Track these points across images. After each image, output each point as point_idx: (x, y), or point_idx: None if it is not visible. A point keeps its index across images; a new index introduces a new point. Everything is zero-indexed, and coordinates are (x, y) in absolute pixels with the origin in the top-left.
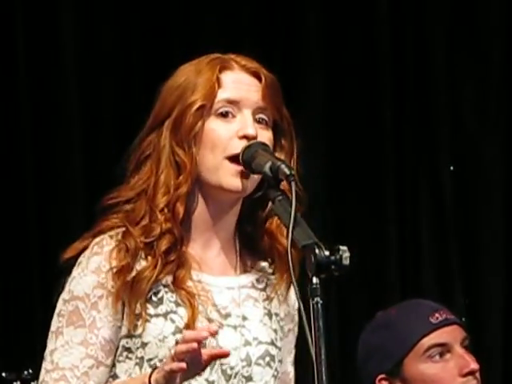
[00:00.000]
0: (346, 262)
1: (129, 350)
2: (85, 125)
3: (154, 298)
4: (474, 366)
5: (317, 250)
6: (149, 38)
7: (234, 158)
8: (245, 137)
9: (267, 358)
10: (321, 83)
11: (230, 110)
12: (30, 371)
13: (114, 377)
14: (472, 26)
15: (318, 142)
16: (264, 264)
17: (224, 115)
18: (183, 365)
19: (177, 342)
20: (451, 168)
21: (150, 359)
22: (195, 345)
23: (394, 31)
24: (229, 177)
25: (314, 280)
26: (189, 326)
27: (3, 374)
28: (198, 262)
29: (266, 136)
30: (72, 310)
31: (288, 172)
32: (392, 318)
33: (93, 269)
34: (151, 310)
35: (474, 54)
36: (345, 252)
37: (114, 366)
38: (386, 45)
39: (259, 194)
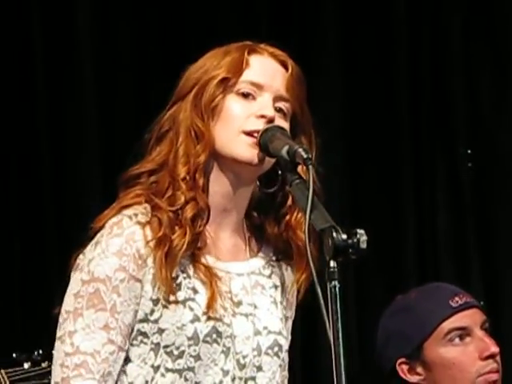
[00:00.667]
0: (364, 245)
1: (144, 334)
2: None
3: (172, 284)
4: (495, 349)
5: (334, 234)
6: (165, 27)
7: (249, 133)
8: (263, 116)
9: (276, 348)
10: (337, 69)
11: (252, 92)
12: (41, 352)
13: (127, 360)
14: (489, 13)
15: (334, 128)
16: (269, 250)
17: (245, 95)
18: None
19: (195, 332)
20: (468, 152)
21: (167, 346)
22: None
23: (410, 18)
24: (244, 147)
25: (332, 263)
26: (207, 312)
27: (13, 355)
28: (211, 244)
29: (282, 125)
30: (92, 291)
31: (305, 156)
32: (411, 302)
33: (114, 251)
34: (170, 295)
35: (490, 40)
36: (362, 235)
37: (127, 349)
38: (403, 32)
39: (270, 190)
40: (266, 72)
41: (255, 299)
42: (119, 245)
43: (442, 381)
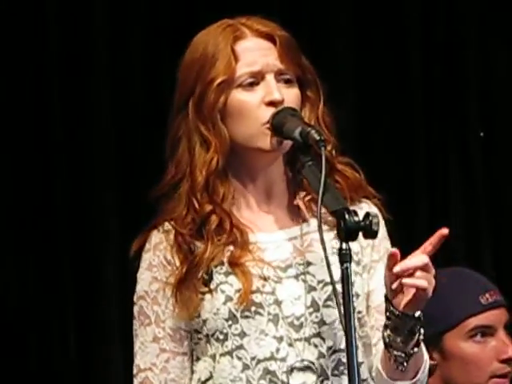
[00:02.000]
0: (376, 228)
1: (196, 331)
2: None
3: (205, 276)
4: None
5: (347, 216)
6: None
7: (267, 123)
8: (271, 103)
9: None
10: (350, 46)
11: (253, 79)
12: None
13: (197, 359)
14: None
15: (345, 110)
16: None
17: (249, 85)
18: None
19: (230, 311)
20: (481, 134)
21: (213, 334)
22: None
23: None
24: (268, 138)
25: (344, 245)
26: (244, 292)
27: None
28: (252, 225)
29: (292, 94)
30: (139, 310)
31: (318, 137)
32: (442, 288)
33: (146, 266)
34: (203, 287)
35: (506, 23)
36: (374, 218)
37: (193, 350)
38: (416, 16)
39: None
40: (256, 54)
41: (310, 256)
42: (148, 259)
43: (456, 373)
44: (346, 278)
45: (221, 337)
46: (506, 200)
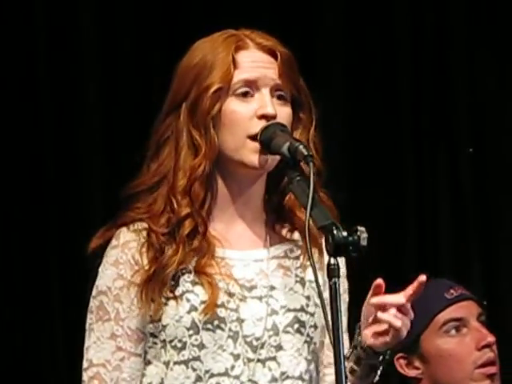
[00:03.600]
0: (364, 242)
1: (153, 335)
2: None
3: (171, 282)
4: (491, 338)
5: (335, 231)
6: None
7: (254, 137)
8: (264, 116)
9: (296, 325)
10: (340, 59)
11: (248, 89)
12: None
13: (148, 363)
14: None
15: (336, 125)
16: (298, 234)
17: (243, 95)
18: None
19: (193, 321)
20: (470, 150)
21: (171, 341)
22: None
23: (413, 10)
24: (252, 154)
25: (332, 261)
26: (209, 304)
27: None
28: (222, 239)
29: (285, 112)
30: (98, 305)
31: (306, 153)
32: None
33: (111, 262)
34: (168, 293)
35: (494, 31)
36: (363, 233)
37: (146, 353)
38: (405, 30)
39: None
40: (256, 66)
41: (275, 281)
42: (115, 255)
43: (439, 373)
44: (334, 294)
45: (179, 345)
46: (496, 216)
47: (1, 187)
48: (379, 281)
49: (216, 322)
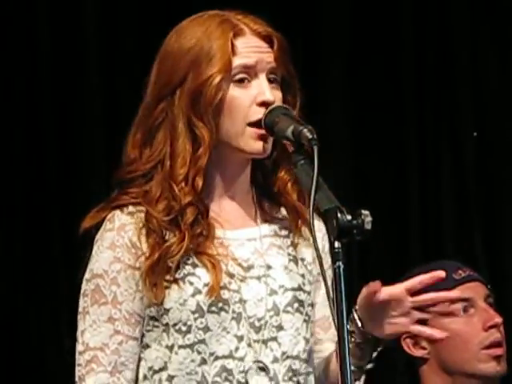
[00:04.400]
0: (368, 226)
1: (154, 318)
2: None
3: (171, 264)
4: (498, 319)
5: (339, 214)
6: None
7: (254, 124)
8: (263, 103)
9: (296, 305)
10: (343, 49)
11: (246, 75)
12: None
13: (145, 347)
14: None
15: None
16: (285, 211)
17: (240, 81)
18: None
19: (198, 304)
20: (474, 134)
21: (175, 324)
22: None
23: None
24: (251, 141)
25: (336, 244)
26: (213, 286)
27: None
28: (218, 219)
29: (278, 96)
30: (94, 288)
31: (310, 136)
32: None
33: (107, 245)
34: (169, 276)
35: (496, 20)
36: (367, 216)
37: (143, 336)
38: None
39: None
40: (253, 52)
41: (270, 260)
42: (111, 238)
43: (445, 352)
44: (338, 277)
45: (183, 328)
46: (498, 203)
47: (4, 177)
48: (377, 284)
49: (220, 304)
